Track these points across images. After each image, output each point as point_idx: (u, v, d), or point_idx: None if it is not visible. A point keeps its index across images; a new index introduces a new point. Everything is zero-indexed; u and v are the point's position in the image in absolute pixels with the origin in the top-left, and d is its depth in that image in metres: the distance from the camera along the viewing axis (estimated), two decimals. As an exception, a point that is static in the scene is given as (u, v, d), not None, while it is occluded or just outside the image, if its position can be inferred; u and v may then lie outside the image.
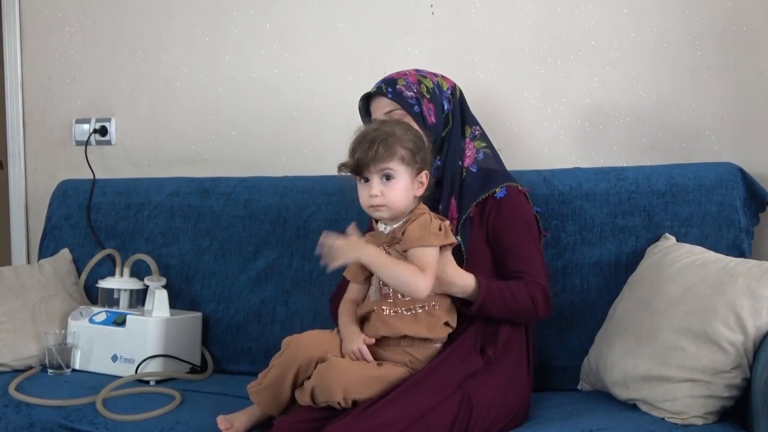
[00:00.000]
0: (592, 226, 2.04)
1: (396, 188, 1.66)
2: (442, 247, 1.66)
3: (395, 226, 1.70)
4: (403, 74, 1.86)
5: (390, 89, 1.82)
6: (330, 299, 1.97)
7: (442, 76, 1.90)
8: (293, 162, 2.56)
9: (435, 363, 1.67)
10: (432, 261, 1.63)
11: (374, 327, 1.70)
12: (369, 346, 1.68)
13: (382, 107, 1.83)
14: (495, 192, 1.79)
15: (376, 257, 1.64)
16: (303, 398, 1.65)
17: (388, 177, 1.66)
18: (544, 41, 2.32)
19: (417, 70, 1.88)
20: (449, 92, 1.88)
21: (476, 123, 1.92)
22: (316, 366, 1.65)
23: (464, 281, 1.68)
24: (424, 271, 1.61)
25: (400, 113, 1.80)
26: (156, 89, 2.74)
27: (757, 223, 2.03)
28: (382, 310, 1.69)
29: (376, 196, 1.66)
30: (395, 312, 1.68)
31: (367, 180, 1.68)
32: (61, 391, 1.98)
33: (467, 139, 1.87)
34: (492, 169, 1.84)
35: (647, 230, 2.00)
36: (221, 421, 1.72)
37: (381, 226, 1.74)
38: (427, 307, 1.68)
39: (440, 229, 1.65)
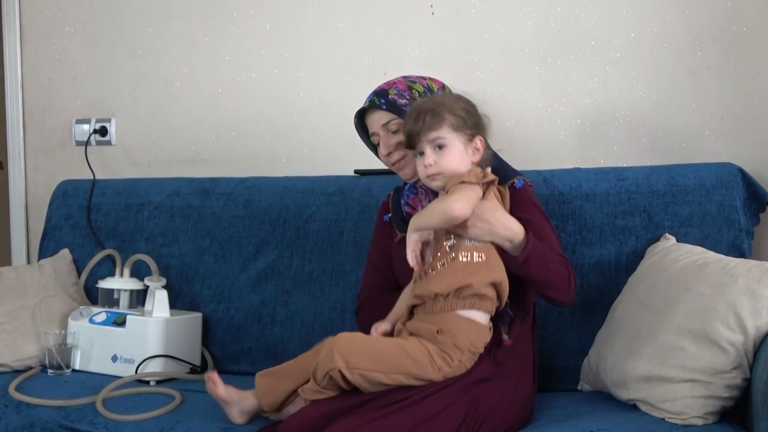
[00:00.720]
0: (592, 227, 2.04)
1: (449, 155, 1.65)
2: (486, 193, 1.63)
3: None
4: (392, 83, 1.84)
5: (383, 100, 1.80)
6: (357, 308, 1.95)
7: (431, 78, 1.89)
8: (293, 162, 2.56)
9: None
10: (466, 190, 1.60)
11: (415, 288, 1.67)
12: (409, 321, 1.66)
13: (379, 119, 1.81)
14: (514, 182, 1.78)
15: (418, 221, 1.63)
16: (308, 389, 1.62)
17: (441, 146, 1.65)
18: (544, 41, 2.32)
19: (405, 77, 1.87)
20: (440, 93, 1.86)
21: None
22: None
23: (515, 226, 1.64)
24: (450, 194, 1.59)
25: (397, 122, 1.78)
26: (156, 89, 2.74)
27: (757, 223, 2.03)
28: (427, 273, 1.65)
29: (430, 165, 1.65)
30: (438, 267, 1.63)
31: (422, 153, 1.67)
32: (61, 392, 1.98)
33: None
34: (500, 168, 1.83)
35: (647, 230, 2.00)
36: (210, 376, 1.76)
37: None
38: (468, 258, 1.62)
39: (481, 173, 1.63)
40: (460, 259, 1.62)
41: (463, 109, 1.67)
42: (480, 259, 1.63)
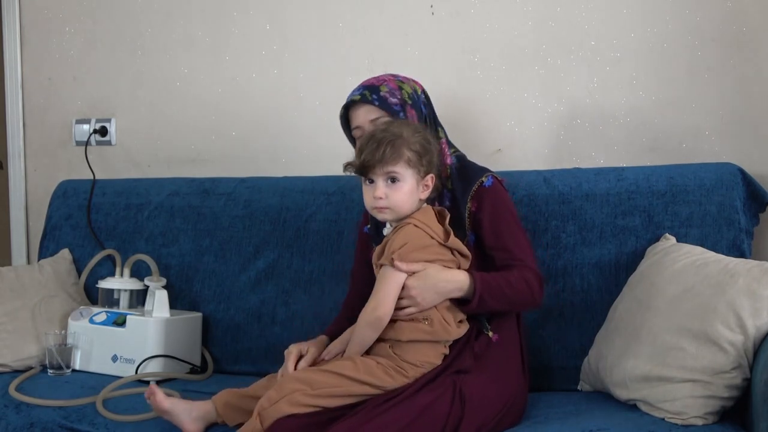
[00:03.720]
0: (592, 227, 2.04)
1: (401, 191, 1.66)
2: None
3: (391, 229, 1.71)
4: (383, 80, 1.84)
5: (375, 96, 1.80)
6: (344, 302, 2.00)
7: (413, 80, 1.90)
8: (293, 162, 2.56)
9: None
10: (385, 282, 1.65)
11: None
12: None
13: (368, 114, 1.81)
14: (483, 181, 1.79)
15: (353, 350, 1.68)
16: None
17: (394, 180, 1.66)
18: (544, 41, 2.32)
19: (394, 76, 1.87)
20: (423, 96, 1.88)
21: (440, 125, 1.91)
22: None
23: (458, 280, 1.68)
24: (368, 304, 1.65)
25: (385, 120, 1.78)
26: (156, 89, 2.74)
27: (757, 224, 2.03)
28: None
29: (381, 198, 1.66)
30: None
31: (372, 181, 1.67)
32: (62, 392, 1.98)
33: (443, 140, 1.87)
34: (469, 167, 1.85)
35: (647, 230, 2.00)
36: (150, 388, 1.75)
37: (386, 228, 1.74)
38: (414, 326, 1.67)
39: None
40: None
41: (420, 145, 1.67)
42: (426, 322, 1.67)
